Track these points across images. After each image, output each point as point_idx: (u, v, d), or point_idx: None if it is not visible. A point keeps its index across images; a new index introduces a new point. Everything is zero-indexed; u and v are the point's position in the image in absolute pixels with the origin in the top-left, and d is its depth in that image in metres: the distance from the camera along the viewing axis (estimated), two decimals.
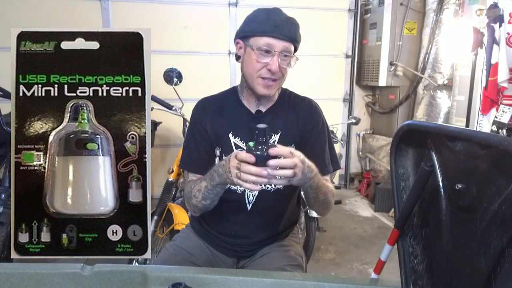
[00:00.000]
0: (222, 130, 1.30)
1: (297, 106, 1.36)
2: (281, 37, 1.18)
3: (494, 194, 0.58)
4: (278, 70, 1.20)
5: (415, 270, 0.80)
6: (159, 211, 2.16)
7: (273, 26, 1.18)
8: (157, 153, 3.93)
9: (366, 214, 3.82)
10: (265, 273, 0.94)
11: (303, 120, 1.33)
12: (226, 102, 1.35)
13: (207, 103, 1.36)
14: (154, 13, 3.78)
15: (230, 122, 1.31)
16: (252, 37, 1.22)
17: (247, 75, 1.26)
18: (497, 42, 2.62)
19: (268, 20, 1.20)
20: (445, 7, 3.64)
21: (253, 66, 1.22)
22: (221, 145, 1.30)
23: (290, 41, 1.20)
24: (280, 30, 1.18)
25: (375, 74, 4.09)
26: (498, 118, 2.72)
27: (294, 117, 1.34)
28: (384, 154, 4.17)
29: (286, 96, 1.38)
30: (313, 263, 2.75)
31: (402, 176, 0.83)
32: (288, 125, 1.32)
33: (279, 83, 1.26)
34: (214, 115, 1.32)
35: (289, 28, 1.20)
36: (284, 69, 1.23)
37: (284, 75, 1.25)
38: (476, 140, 0.59)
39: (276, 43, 1.19)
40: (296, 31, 1.23)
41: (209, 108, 1.34)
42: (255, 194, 1.30)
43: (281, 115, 1.33)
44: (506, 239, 0.56)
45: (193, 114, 1.36)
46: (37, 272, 0.86)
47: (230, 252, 1.36)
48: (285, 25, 1.20)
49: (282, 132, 1.30)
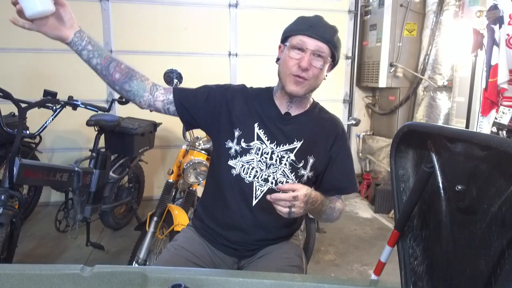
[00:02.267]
0: (250, 117, 1.33)
1: (325, 121, 1.38)
2: (314, 36, 1.21)
3: (494, 196, 0.58)
4: (308, 67, 1.22)
5: (415, 271, 0.80)
6: (159, 212, 2.16)
7: (308, 26, 1.23)
8: (157, 154, 3.93)
9: (366, 215, 3.81)
10: (265, 275, 0.94)
11: (328, 137, 1.36)
12: (261, 96, 1.38)
13: (246, 89, 1.40)
14: (154, 14, 3.78)
15: (260, 114, 1.33)
16: (289, 37, 1.26)
17: (281, 73, 1.29)
18: (497, 44, 2.62)
19: (306, 21, 1.26)
20: (445, 8, 3.64)
21: (286, 63, 1.25)
22: (243, 129, 1.32)
23: (324, 41, 1.22)
24: (315, 30, 1.22)
25: (375, 75, 4.09)
26: (498, 120, 2.72)
27: (321, 131, 1.36)
28: (384, 155, 4.16)
29: (317, 109, 1.40)
30: (313, 265, 2.75)
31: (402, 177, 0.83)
32: (312, 136, 1.34)
33: (310, 84, 1.27)
34: (248, 101, 1.35)
35: (324, 29, 1.24)
36: (317, 70, 1.24)
37: (317, 77, 1.27)
38: (476, 141, 0.59)
39: (309, 41, 1.22)
40: (332, 34, 1.25)
41: (246, 93, 1.38)
42: (263, 191, 1.31)
43: (307, 125, 1.35)
44: (506, 241, 0.56)
45: (229, 85, 1.40)
46: (37, 273, 0.86)
47: (231, 251, 1.36)
48: (321, 26, 1.24)
49: (305, 141, 1.32)
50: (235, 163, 1.31)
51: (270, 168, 1.30)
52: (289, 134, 1.32)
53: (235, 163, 1.31)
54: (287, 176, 1.31)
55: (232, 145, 1.32)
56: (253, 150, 1.30)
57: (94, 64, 1.18)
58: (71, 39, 1.13)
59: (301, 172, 1.32)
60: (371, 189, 4.12)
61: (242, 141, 1.31)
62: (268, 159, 1.30)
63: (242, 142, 1.31)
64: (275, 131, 1.31)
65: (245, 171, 1.31)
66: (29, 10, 1.02)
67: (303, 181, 1.32)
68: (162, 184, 2.36)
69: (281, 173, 1.31)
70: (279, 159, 1.30)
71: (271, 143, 1.31)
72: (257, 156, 1.30)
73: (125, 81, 1.22)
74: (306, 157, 1.32)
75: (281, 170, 1.30)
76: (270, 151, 1.30)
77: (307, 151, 1.32)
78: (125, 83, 1.23)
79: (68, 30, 1.12)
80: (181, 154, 2.40)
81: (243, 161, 1.31)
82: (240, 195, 1.32)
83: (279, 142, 1.31)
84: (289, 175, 1.31)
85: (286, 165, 1.30)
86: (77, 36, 1.14)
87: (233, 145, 1.32)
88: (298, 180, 1.32)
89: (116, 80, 1.21)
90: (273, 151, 1.30)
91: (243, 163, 1.31)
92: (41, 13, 1.04)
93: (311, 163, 1.32)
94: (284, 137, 1.31)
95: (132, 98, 1.26)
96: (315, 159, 1.32)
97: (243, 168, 1.31)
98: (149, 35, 3.79)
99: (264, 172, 1.30)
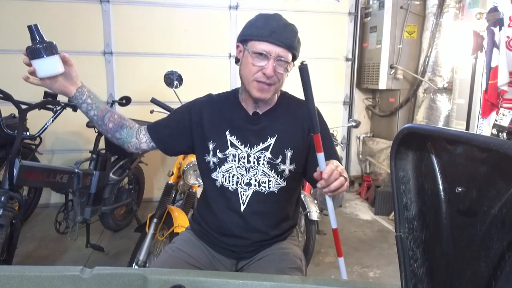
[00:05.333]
0: (220, 126, 1.34)
1: (297, 110, 1.36)
2: (277, 43, 1.20)
3: (494, 198, 0.58)
4: (273, 74, 1.22)
5: (415, 273, 0.80)
6: (159, 213, 2.15)
7: (269, 32, 1.20)
8: (157, 155, 3.93)
9: (366, 217, 3.81)
10: (264, 276, 0.94)
11: (303, 124, 1.33)
12: (228, 101, 1.38)
13: (212, 99, 1.41)
14: (155, 16, 3.78)
15: (229, 120, 1.34)
16: (250, 41, 1.24)
17: (244, 78, 1.28)
18: (497, 46, 2.63)
19: (266, 25, 1.22)
20: (445, 10, 3.65)
21: (249, 69, 1.24)
22: (216, 140, 1.33)
23: (286, 48, 1.21)
24: (277, 36, 1.20)
25: (375, 77, 4.09)
26: (498, 121, 2.72)
27: (293, 121, 1.34)
28: (384, 157, 4.16)
29: (286, 99, 1.39)
30: (313, 266, 2.75)
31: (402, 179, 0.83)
32: (285, 129, 1.33)
33: (275, 87, 1.27)
34: (215, 111, 1.36)
35: (286, 34, 1.21)
36: (280, 74, 1.24)
37: (281, 80, 1.26)
38: (476, 143, 0.59)
39: (272, 48, 1.20)
40: (293, 37, 1.23)
41: (212, 103, 1.38)
42: (249, 195, 1.31)
43: (278, 119, 1.34)
44: (506, 243, 0.56)
45: (195, 101, 1.42)
46: (37, 275, 0.86)
47: (229, 253, 1.36)
48: (282, 32, 1.21)
49: (278, 136, 1.31)
50: (216, 175, 1.33)
51: (250, 171, 1.31)
52: (260, 133, 1.32)
53: (216, 174, 1.33)
54: (267, 175, 1.31)
55: (209, 158, 1.33)
56: (230, 158, 1.31)
57: (92, 115, 1.30)
58: (73, 94, 1.25)
59: (280, 167, 1.31)
60: (371, 191, 4.11)
61: (217, 152, 1.32)
62: (246, 162, 1.31)
63: (218, 153, 1.32)
64: (246, 134, 1.32)
65: (227, 180, 1.32)
66: (41, 72, 1.13)
67: (284, 176, 1.32)
68: (162, 185, 2.36)
69: (261, 174, 1.31)
70: (256, 160, 1.31)
71: (245, 147, 1.31)
72: (235, 162, 1.31)
73: (116, 129, 1.33)
74: (283, 151, 1.31)
75: (260, 170, 1.31)
76: (246, 154, 1.31)
77: (283, 145, 1.31)
78: (116, 132, 1.33)
79: (72, 86, 1.24)
80: (181, 155, 2.40)
81: (223, 170, 1.32)
82: (228, 204, 1.33)
83: (253, 144, 1.31)
84: (269, 173, 1.31)
85: (264, 165, 1.31)
86: (79, 91, 1.26)
87: (210, 158, 1.33)
88: (279, 176, 1.32)
89: (109, 129, 1.32)
90: (249, 154, 1.31)
91: (223, 172, 1.32)
92: (52, 75, 1.16)
93: (290, 156, 1.31)
94: (256, 137, 1.32)
95: (121, 144, 1.38)
96: (293, 151, 1.32)
97: (225, 178, 1.32)
98: (149, 36, 3.80)
99: (245, 176, 1.31)
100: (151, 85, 3.40)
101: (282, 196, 1.34)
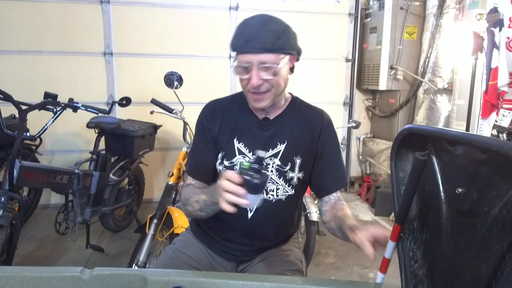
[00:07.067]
0: (227, 134, 1.28)
1: (308, 117, 1.31)
2: (254, 50, 1.12)
3: (494, 198, 0.58)
4: (260, 84, 1.15)
5: (416, 274, 0.80)
6: (159, 214, 2.15)
7: (244, 41, 1.13)
8: (157, 156, 3.93)
9: (366, 218, 3.81)
10: (265, 277, 0.94)
11: (313, 132, 1.29)
12: (234, 106, 1.32)
13: (215, 107, 1.33)
14: (155, 17, 3.79)
15: (236, 126, 1.28)
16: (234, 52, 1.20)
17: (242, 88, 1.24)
18: (497, 47, 2.63)
19: (242, 34, 1.15)
20: (445, 11, 3.65)
21: (241, 82, 1.20)
22: (224, 149, 1.28)
23: (267, 51, 1.11)
24: (252, 43, 1.11)
25: (375, 78, 4.09)
26: (498, 122, 2.72)
27: (304, 128, 1.29)
28: (384, 158, 4.16)
29: (297, 105, 1.34)
30: (313, 267, 2.74)
31: (402, 180, 0.83)
32: (296, 135, 1.28)
33: (272, 93, 1.20)
34: (223, 118, 1.30)
35: (263, 38, 1.11)
36: (273, 79, 1.16)
37: (276, 84, 1.18)
38: (477, 144, 0.59)
39: (251, 58, 1.13)
40: (273, 37, 1.12)
41: (217, 111, 1.31)
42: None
43: (289, 125, 1.29)
44: (506, 244, 0.56)
45: (200, 118, 1.33)
46: (37, 275, 0.86)
47: (230, 256, 1.35)
48: (259, 36, 1.12)
49: (288, 143, 1.27)
50: None
51: None
52: (270, 139, 1.27)
53: None
54: (276, 183, 1.27)
55: (220, 167, 1.29)
56: (237, 166, 1.26)
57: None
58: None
59: (289, 175, 1.27)
60: (371, 191, 4.11)
61: (224, 160, 1.28)
62: None
63: (225, 161, 1.27)
64: (255, 140, 1.27)
65: None
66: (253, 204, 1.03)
67: (293, 183, 1.28)
68: (162, 186, 2.36)
69: (269, 181, 1.26)
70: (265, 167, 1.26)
71: (253, 154, 1.25)
72: None
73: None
74: (292, 159, 1.27)
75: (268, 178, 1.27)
76: None
77: (292, 152, 1.27)
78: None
79: None
80: (181, 156, 2.40)
81: None
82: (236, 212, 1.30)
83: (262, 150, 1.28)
84: (277, 181, 1.27)
85: (273, 172, 1.26)
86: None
87: (220, 166, 1.29)
88: (288, 183, 1.28)
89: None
90: None
91: None
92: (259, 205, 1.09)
93: (299, 164, 1.27)
94: (266, 143, 1.26)
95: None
96: (302, 159, 1.27)
97: None
98: (149, 37, 3.80)
99: None
100: (151, 86, 3.41)
101: (289, 204, 1.31)
